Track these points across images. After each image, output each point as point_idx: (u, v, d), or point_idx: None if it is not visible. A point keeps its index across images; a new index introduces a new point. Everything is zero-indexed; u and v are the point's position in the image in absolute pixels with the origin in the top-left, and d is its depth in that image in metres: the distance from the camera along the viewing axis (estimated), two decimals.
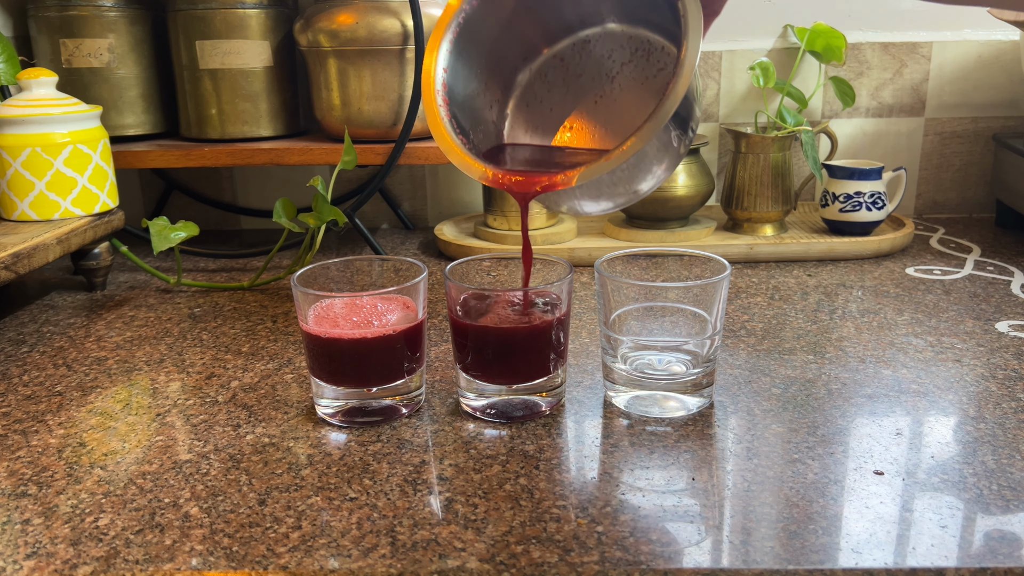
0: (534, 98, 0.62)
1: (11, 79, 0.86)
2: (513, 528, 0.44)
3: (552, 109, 0.62)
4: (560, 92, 0.62)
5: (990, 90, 1.05)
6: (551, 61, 0.62)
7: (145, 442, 0.54)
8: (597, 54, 0.60)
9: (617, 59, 0.60)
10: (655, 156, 0.54)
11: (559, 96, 0.62)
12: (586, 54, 0.61)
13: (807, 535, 0.42)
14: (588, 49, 0.61)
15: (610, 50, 0.60)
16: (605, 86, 0.60)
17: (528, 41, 0.61)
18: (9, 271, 0.69)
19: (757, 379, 0.61)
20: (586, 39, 0.61)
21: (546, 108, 0.62)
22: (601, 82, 0.61)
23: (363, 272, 0.61)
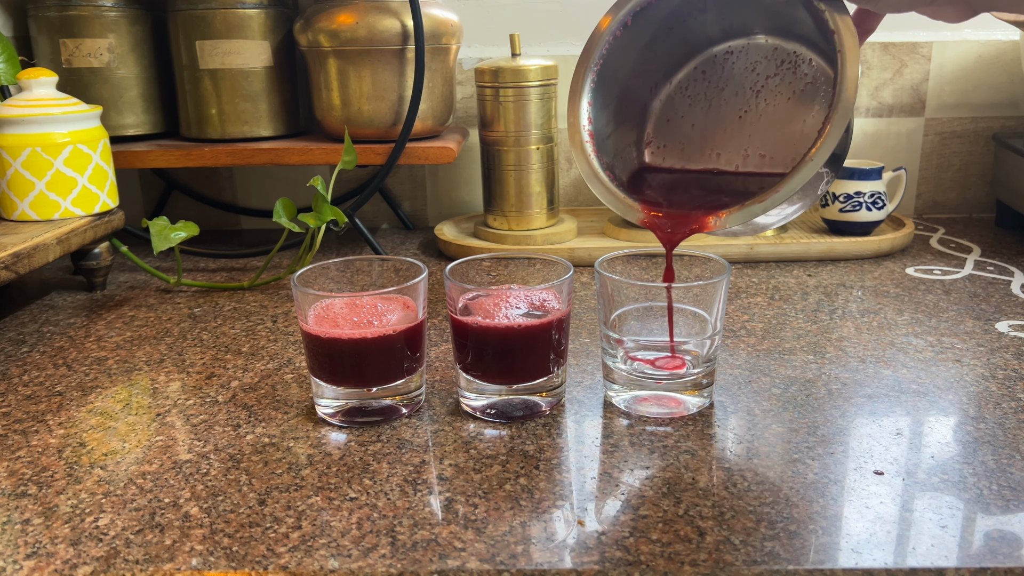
0: (675, 113, 0.61)
1: (11, 79, 0.86)
2: (513, 528, 0.44)
3: (694, 125, 0.61)
4: (702, 107, 0.60)
5: (990, 90, 1.05)
6: (693, 74, 0.60)
7: (145, 442, 0.54)
8: (740, 67, 0.59)
9: (762, 72, 0.58)
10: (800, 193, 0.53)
11: (701, 112, 0.60)
12: (728, 67, 0.59)
13: (807, 535, 0.42)
14: (731, 62, 0.59)
15: (754, 63, 0.59)
16: (750, 100, 0.59)
17: (669, 60, 0.60)
18: (9, 271, 0.69)
19: (757, 379, 0.61)
20: (728, 51, 0.59)
21: (687, 124, 0.61)
22: (745, 96, 0.59)
23: (363, 272, 0.61)
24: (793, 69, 0.57)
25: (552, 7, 1.04)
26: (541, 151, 0.92)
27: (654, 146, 0.61)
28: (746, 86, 0.59)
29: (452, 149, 0.90)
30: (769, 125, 0.58)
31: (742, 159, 0.59)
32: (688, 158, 0.61)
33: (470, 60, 1.05)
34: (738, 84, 0.59)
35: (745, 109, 0.59)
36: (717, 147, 0.60)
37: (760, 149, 0.58)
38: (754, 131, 0.58)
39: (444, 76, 0.92)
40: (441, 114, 0.94)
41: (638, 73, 0.60)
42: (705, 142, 0.60)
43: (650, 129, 0.61)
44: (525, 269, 0.61)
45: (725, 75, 0.59)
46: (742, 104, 0.59)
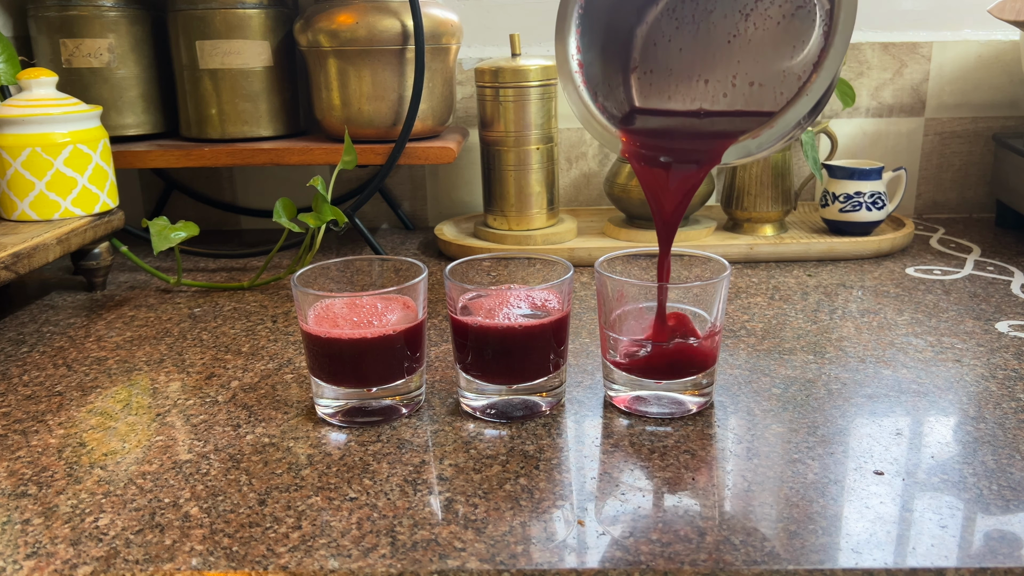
0: (662, 36, 0.60)
1: (11, 79, 0.86)
2: (513, 528, 0.44)
3: (681, 50, 0.59)
4: (689, 30, 0.59)
5: (990, 90, 1.05)
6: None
7: (145, 442, 0.54)
8: None
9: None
10: None
11: (688, 35, 0.59)
12: None
13: (807, 535, 0.42)
14: None
15: None
16: (739, 24, 0.57)
17: None
18: (9, 271, 0.69)
19: (757, 379, 0.61)
20: None
21: (675, 48, 0.59)
22: (734, 19, 0.57)
23: (363, 272, 0.61)
24: None
25: (552, 7, 1.04)
26: (541, 151, 0.92)
27: (640, 71, 0.60)
28: (735, 9, 0.57)
29: (452, 149, 0.90)
30: (758, 50, 0.57)
31: (730, 85, 0.58)
32: (675, 83, 0.60)
33: (470, 60, 1.05)
34: (726, 7, 0.58)
35: (733, 33, 0.58)
36: (705, 72, 0.59)
37: (749, 76, 0.57)
38: (743, 56, 0.58)
39: (444, 76, 0.92)
40: (441, 114, 0.94)
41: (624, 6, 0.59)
42: (693, 67, 0.59)
43: (636, 54, 0.60)
44: (525, 269, 0.61)
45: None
46: (730, 28, 0.58)
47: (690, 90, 0.59)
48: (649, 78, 0.60)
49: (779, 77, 0.56)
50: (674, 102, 0.60)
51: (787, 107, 0.51)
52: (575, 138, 1.07)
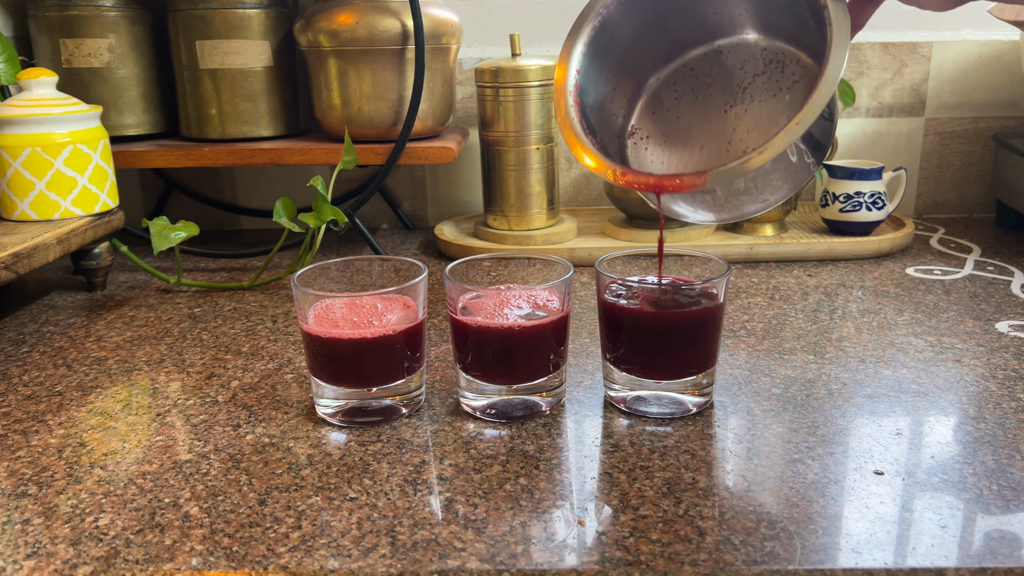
0: (660, 106, 0.61)
1: (11, 79, 0.86)
2: (513, 528, 0.44)
3: (679, 118, 0.61)
4: (688, 101, 0.61)
5: (990, 90, 1.05)
6: (680, 70, 0.61)
7: (145, 442, 0.54)
8: (729, 64, 0.59)
9: (749, 70, 0.59)
10: (783, 174, 0.53)
11: (687, 106, 0.61)
12: (718, 64, 0.60)
13: (807, 535, 0.42)
14: (720, 59, 0.60)
15: (742, 61, 0.59)
16: (736, 96, 0.59)
17: (660, 48, 0.61)
18: (9, 271, 0.69)
19: (757, 379, 0.61)
20: (718, 49, 0.60)
21: (672, 116, 0.61)
22: (732, 92, 0.59)
23: (363, 272, 0.61)
24: (781, 68, 0.57)
25: (552, 7, 1.04)
26: (541, 151, 0.92)
27: (638, 136, 0.61)
28: (733, 83, 0.59)
29: (452, 149, 0.90)
30: (753, 121, 0.58)
31: (724, 152, 0.59)
32: (670, 148, 0.61)
33: (470, 60, 1.05)
34: (726, 80, 0.59)
35: (730, 104, 0.59)
36: (700, 141, 0.60)
37: (743, 145, 0.58)
38: (738, 124, 0.59)
39: (444, 76, 0.92)
40: (441, 114, 0.94)
41: (631, 51, 0.60)
42: (689, 135, 0.60)
43: (635, 119, 0.62)
44: (525, 269, 0.61)
45: (714, 71, 0.60)
46: (728, 99, 0.59)
47: (685, 154, 0.61)
48: (644, 143, 0.61)
49: None
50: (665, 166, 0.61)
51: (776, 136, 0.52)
52: None
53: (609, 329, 0.56)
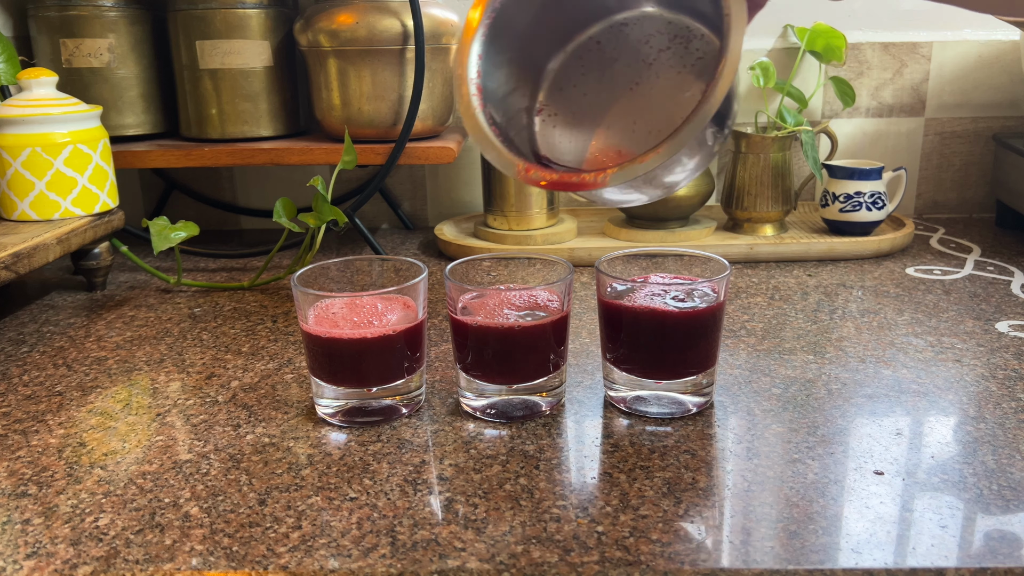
0: (568, 82, 0.60)
1: (11, 79, 0.86)
2: (513, 528, 0.44)
3: (586, 94, 0.60)
4: (595, 76, 0.60)
5: (990, 90, 1.05)
6: (587, 44, 0.60)
7: (145, 442, 0.54)
8: (634, 39, 0.58)
9: (655, 45, 0.58)
10: (689, 153, 0.53)
11: (594, 81, 0.60)
12: (623, 38, 0.59)
13: (807, 535, 0.42)
14: (625, 33, 0.59)
15: (647, 35, 0.58)
16: (642, 72, 0.58)
17: (564, 24, 0.60)
18: (9, 271, 0.69)
19: (757, 379, 0.61)
20: (623, 22, 0.59)
21: (579, 93, 0.60)
22: (637, 69, 0.58)
23: (363, 272, 0.61)
24: (685, 44, 0.57)
25: None
26: None
27: (545, 113, 0.60)
28: (639, 58, 0.58)
29: (452, 149, 0.90)
30: (658, 99, 0.58)
31: (631, 132, 0.58)
32: (578, 126, 0.60)
33: None
34: (632, 55, 0.58)
35: (637, 81, 0.58)
36: (607, 119, 0.59)
37: (648, 124, 0.58)
38: (644, 104, 0.58)
39: (444, 76, 0.92)
40: (441, 114, 0.94)
41: (533, 35, 0.59)
42: (596, 113, 0.60)
43: (543, 96, 0.60)
44: (525, 269, 0.61)
45: (619, 46, 0.59)
46: (634, 76, 0.58)
47: (592, 134, 0.60)
48: (553, 121, 0.60)
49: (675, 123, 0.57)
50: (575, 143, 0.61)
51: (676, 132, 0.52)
52: None
53: (609, 329, 0.56)
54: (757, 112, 1.01)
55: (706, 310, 0.54)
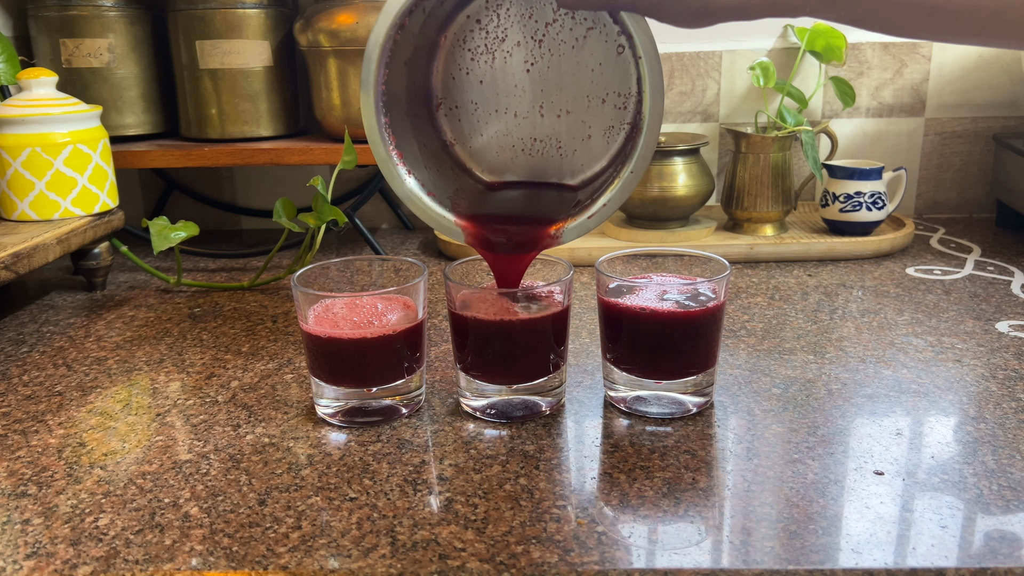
0: (459, 69, 0.58)
1: (11, 79, 0.86)
2: (513, 528, 0.43)
3: (482, 82, 0.58)
4: (485, 62, 0.58)
5: (990, 90, 1.05)
6: (467, 24, 0.57)
7: (145, 442, 0.54)
8: (516, 14, 0.56)
9: (540, 19, 0.56)
10: None
11: (486, 67, 0.58)
12: (503, 15, 0.56)
13: (807, 535, 0.42)
14: (504, 7, 0.56)
15: (530, 8, 0.56)
16: (533, 51, 0.56)
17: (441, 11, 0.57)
18: (9, 271, 0.69)
19: (757, 379, 0.61)
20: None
21: (474, 80, 0.58)
22: (528, 47, 0.56)
23: (363, 272, 0.61)
24: (571, 13, 0.55)
25: None
26: None
27: (445, 107, 0.59)
28: (526, 35, 0.56)
29: None
30: (560, 78, 0.56)
31: (539, 116, 0.57)
32: (484, 118, 0.59)
33: None
34: (518, 34, 0.57)
35: (532, 61, 0.57)
36: (511, 105, 0.58)
37: (557, 105, 0.57)
38: (546, 84, 0.57)
39: None
40: None
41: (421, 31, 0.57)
42: (497, 99, 0.58)
43: (439, 91, 0.59)
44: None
45: (502, 24, 0.57)
46: (527, 56, 0.57)
47: (501, 124, 0.59)
48: (456, 114, 0.59)
49: (584, 104, 0.56)
50: (487, 138, 0.59)
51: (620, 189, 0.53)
52: None
53: (609, 329, 0.56)
54: (757, 112, 1.01)
55: (706, 310, 0.54)
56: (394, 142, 0.56)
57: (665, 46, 1.03)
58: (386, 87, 0.55)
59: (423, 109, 0.59)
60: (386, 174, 0.57)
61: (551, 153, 0.59)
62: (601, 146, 0.57)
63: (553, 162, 0.59)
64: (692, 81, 1.04)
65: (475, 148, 0.60)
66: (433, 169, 0.59)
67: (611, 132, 0.56)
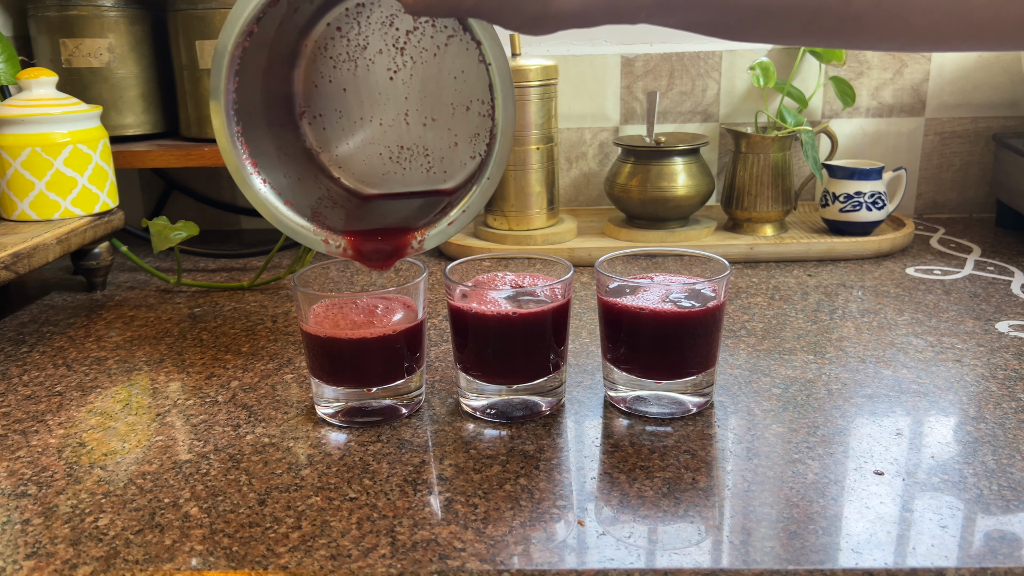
0: (321, 77, 0.58)
1: (11, 79, 0.86)
2: (513, 528, 0.43)
3: (345, 90, 0.58)
4: (348, 70, 0.57)
5: (990, 90, 1.05)
6: (327, 32, 0.57)
7: (145, 442, 0.54)
8: (376, 21, 0.56)
9: (400, 27, 0.55)
10: None
11: (348, 75, 0.57)
12: (364, 22, 0.56)
13: (807, 535, 0.42)
14: (364, 15, 0.56)
15: (389, 16, 0.55)
16: (395, 59, 0.56)
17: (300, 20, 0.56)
18: (9, 271, 0.69)
19: (757, 379, 0.61)
20: (359, 4, 0.56)
21: (337, 88, 0.58)
22: (390, 55, 0.56)
23: (363, 272, 0.61)
24: (432, 21, 0.55)
25: None
26: (541, 151, 0.92)
27: (309, 116, 0.58)
28: (388, 43, 0.56)
29: None
30: (423, 85, 0.56)
31: (404, 124, 0.57)
32: (346, 123, 0.58)
33: None
34: (380, 41, 0.57)
35: (394, 69, 0.57)
36: (376, 113, 0.58)
37: (422, 113, 0.57)
38: (410, 92, 0.57)
39: None
40: None
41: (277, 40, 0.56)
42: (362, 107, 0.58)
43: (300, 99, 0.58)
44: (525, 269, 0.61)
45: (363, 31, 0.57)
46: (389, 63, 0.57)
47: (366, 133, 0.59)
48: (320, 122, 0.59)
49: (448, 112, 0.56)
50: (353, 146, 0.59)
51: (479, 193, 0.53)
52: (575, 138, 1.07)
53: (609, 329, 0.56)
54: (757, 112, 1.01)
55: (706, 310, 0.54)
56: (247, 151, 0.56)
57: (665, 46, 1.03)
58: (238, 95, 0.54)
59: (285, 117, 0.59)
60: (238, 181, 0.56)
61: (419, 161, 0.59)
62: (468, 153, 0.57)
63: (421, 170, 0.59)
64: (692, 81, 1.04)
65: (342, 156, 0.60)
66: (294, 177, 0.58)
67: (477, 139, 0.56)
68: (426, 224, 0.55)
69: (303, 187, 0.58)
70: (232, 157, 0.55)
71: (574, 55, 1.04)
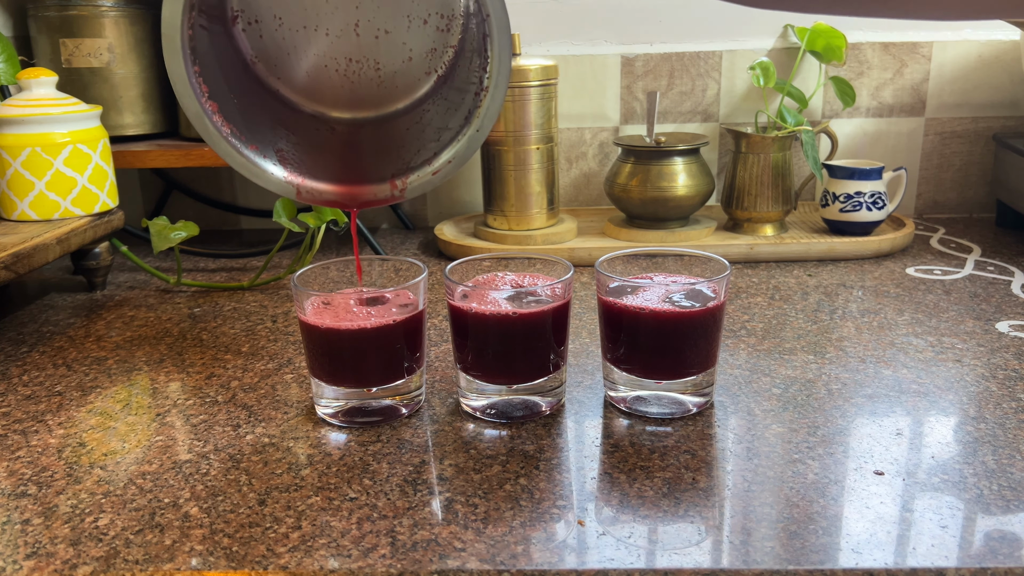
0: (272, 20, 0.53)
1: (11, 79, 0.86)
2: (513, 528, 0.43)
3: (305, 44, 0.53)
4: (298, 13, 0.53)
5: (990, 90, 1.05)
6: None
7: (145, 442, 0.54)
8: None
9: None
10: None
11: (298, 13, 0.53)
12: None
13: (807, 535, 0.42)
14: None
15: None
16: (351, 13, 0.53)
17: None
18: (9, 271, 0.69)
19: (757, 379, 0.61)
20: None
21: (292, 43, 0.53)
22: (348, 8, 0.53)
23: (363, 272, 0.61)
24: None
25: (552, 7, 1.04)
26: (541, 151, 0.92)
27: (243, 22, 0.54)
28: None
29: None
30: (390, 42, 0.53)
31: (354, 35, 0.53)
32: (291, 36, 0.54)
33: None
34: None
35: (355, 22, 0.53)
36: (322, 21, 0.53)
37: (374, 25, 0.53)
38: (362, 3, 0.53)
39: None
40: None
41: None
42: (305, 15, 0.53)
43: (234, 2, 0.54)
44: (525, 269, 0.61)
45: None
46: (348, 17, 0.53)
47: (311, 43, 0.54)
48: (256, 29, 0.54)
49: (404, 24, 0.53)
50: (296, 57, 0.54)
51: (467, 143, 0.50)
52: (575, 138, 1.07)
53: (609, 329, 0.56)
54: (757, 112, 1.01)
55: (706, 310, 0.54)
56: (206, 92, 0.52)
57: (665, 46, 1.03)
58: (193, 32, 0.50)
59: (218, 25, 0.54)
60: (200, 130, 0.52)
61: (369, 75, 0.55)
62: (423, 69, 0.54)
63: (371, 84, 0.55)
64: (692, 81, 1.04)
65: (280, 67, 0.55)
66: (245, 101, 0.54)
67: (434, 55, 0.53)
68: (407, 173, 0.52)
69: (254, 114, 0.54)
70: (193, 103, 0.52)
71: (574, 55, 1.04)
